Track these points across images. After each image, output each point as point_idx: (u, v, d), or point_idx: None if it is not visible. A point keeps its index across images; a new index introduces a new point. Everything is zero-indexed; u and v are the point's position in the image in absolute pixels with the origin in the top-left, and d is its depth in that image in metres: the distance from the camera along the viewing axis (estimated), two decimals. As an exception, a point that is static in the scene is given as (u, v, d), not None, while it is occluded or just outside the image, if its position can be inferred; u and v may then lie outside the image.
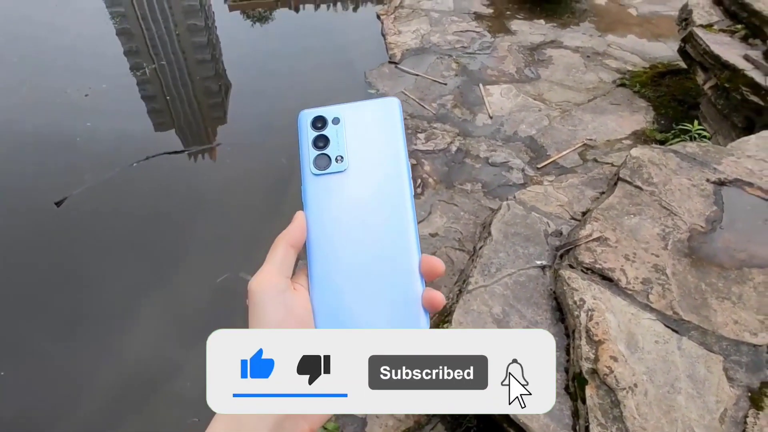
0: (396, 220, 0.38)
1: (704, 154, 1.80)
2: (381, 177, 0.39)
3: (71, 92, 3.52)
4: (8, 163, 2.98)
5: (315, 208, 0.39)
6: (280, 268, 0.37)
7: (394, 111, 0.42)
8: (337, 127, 0.41)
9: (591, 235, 1.57)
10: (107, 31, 4.71)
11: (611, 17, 4.28)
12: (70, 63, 3.95)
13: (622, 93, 3.40)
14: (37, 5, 5.02)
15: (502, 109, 3.24)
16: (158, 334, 2.17)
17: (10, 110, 3.41)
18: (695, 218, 1.60)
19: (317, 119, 0.41)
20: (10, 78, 3.75)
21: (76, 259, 2.48)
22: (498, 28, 4.07)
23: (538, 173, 2.82)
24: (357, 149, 0.40)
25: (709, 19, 2.89)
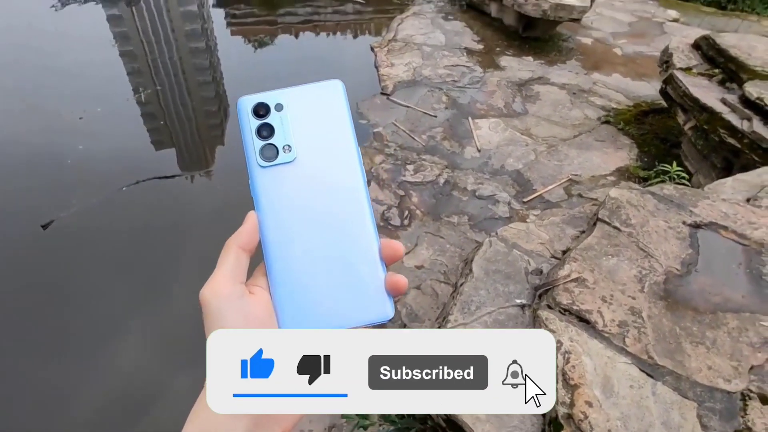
0: (351, 208, 0.37)
1: (681, 197, 1.84)
2: (332, 164, 0.38)
3: (65, 115, 3.56)
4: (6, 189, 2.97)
5: (266, 203, 0.37)
6: (233, 274, 0.35)
7: (338, 93, 0.40)
8: (280, 114, 0.39)
9: (569, 275, 1.59)
10: (106, 55, 4.78)
11: (597, 56, 4.43)
12: (67, 86, 4.00)
13: (606, 130, 3.49)
14: (37, 31, 5.10)
15: (490, 143, 3.31)
16: (144, 357, 2.16)
17: (3, 131, 3.42)
18: (671, 261, 1.63)
19: (259, 106, 0.39)
20: (4, 101, 3.78)
21: (61, 282, 2.45)
22: (488, 64, 4.20)
23: (524, 207, 2.86)
24: (304, 137, 0.38)
25: (689, 63, 3.01)
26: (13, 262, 2.54)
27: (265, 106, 0.39)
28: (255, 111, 0.39)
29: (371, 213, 0.38)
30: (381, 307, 0.36)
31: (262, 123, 0.38)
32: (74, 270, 2.52)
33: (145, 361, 2.15)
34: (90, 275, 2.49)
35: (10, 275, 2.47)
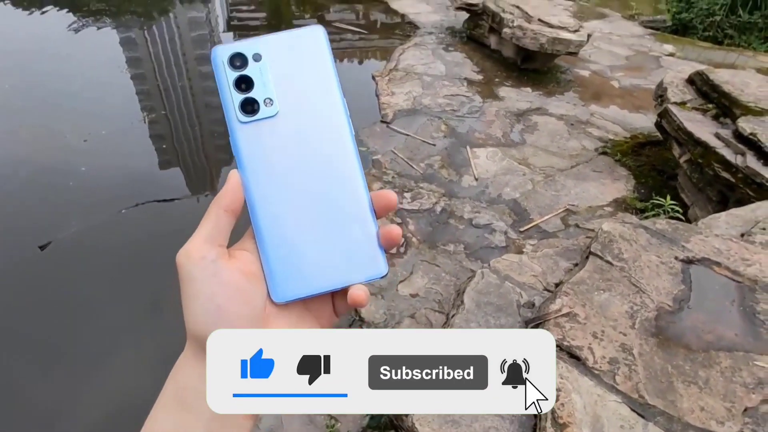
0: (339, 162, 0.36)
1: (674, 232, 1.85)
2: (316, 116, 0.36)
3: (70, 137, 3.63)
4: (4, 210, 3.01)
5: (249, 161, 0.36)
6: (211, 235, 0.34)
7: (320, 40, 0.37)
8: (259, 64, 0.36)
9: (560, 310, 1.58)
10: (115, 78, 4.91)
11: (594, 88, 4.51)
12: (74, 109, 4.09)
13: (603, 161, 3.52)
14: (50, 54, 5.26)
15: (487, 172, 3.34)
16: (140, 376, 2.14)
17: (6, 154, 3.49)
18: (663, 297, 1.62)
19: (235, 57, 0.36)
20: (11, 123, 3.87)
21: (57, 303, 2.46)
22: (487, 94, 4.28)
23: (521, 236, 2.86)
24: (285, 88, 0.36)
25: (683, 97, 3.06)
26: (9, 282, 2.54)
27: (241, 56, 0.36)
28: (231, 62, 0.36)
29: (360, 167, 0.37)
30: (374, 265, 0.35)
31: (239, 75, 0.36)
32: (70, 292, 2.53)
33: (142, 381, 2.13)
34: (86, 297, 2.50)
35: (6, 296, 2.48)
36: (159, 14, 7.57)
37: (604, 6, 6.86)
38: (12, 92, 4.32)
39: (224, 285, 0.33)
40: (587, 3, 6.89)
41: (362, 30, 6.03)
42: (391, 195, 0.36)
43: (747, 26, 6.14)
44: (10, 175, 3.26)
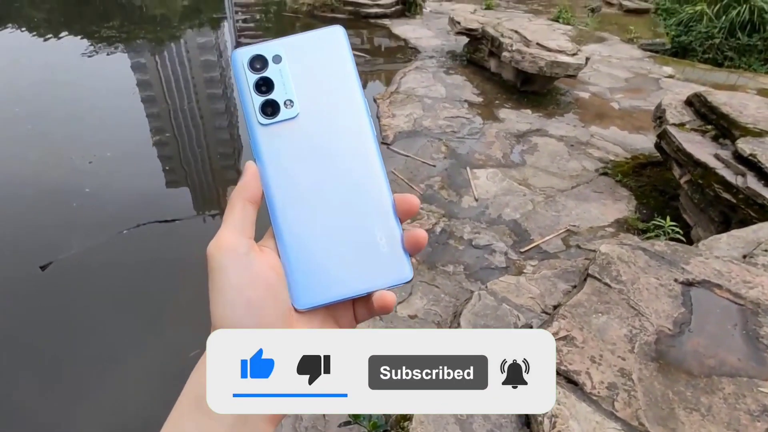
0: (361, 165, 0.35)
1: (673, 254, 1.83)
2: (337, 118, 0.36)
3: (76, 159, 3.69)
4: (1, 227, 3.05)
5: (270, 163, 0.35)
6: (241, 227, 0.33)
7: (340, 40, 0.37)
8: (279, 66, 0.36)
9: (558, 333, 1.55)
10: (123, 102, 5.03)
11: (594, 110, 4.55)
12: (81, 132, 4.18)
13: (604, 181, 3.51)
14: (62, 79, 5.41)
15: (487, 192, 3.35)
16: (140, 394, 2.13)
17: (14, 175, 3.55)
18: (663, 320, 1.59)
19: (255, 59, 0.36)
20: (20, 145, 3.96)
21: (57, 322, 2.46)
22: (487, 116, 4.32)
23: (521, 257, 2.84)
24: (306, 89, 0.36)
25: (681, 119, 3.07)
26: (9, 301, 2.55)
27: (261, 58, 0.36)
28: (251, 64, 0.36)
29: (383, 168, 0.36)
30: (399, 269, 0.34)
31: (260, 77, 0.36)
32: (69, 312, 2.53)
33: (141, 398, 2.12)
34: (85, 317, 2.50)
35: (5, 315, 2.48)
36: (169, 39, 7.80)
37: (603, 30, 6.97)
38: (23, 116, 4.43)
39: (255, 278, 0.32)
40: (586, 27, 7.01)
41: (365, 54, 6.16)
42: (413, 199, 0.35)
43: (746, 48, 6.21)
44: (16, 195, 3.31)
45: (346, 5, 7.35)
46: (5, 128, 4.20)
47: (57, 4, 9.50)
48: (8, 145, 3.96)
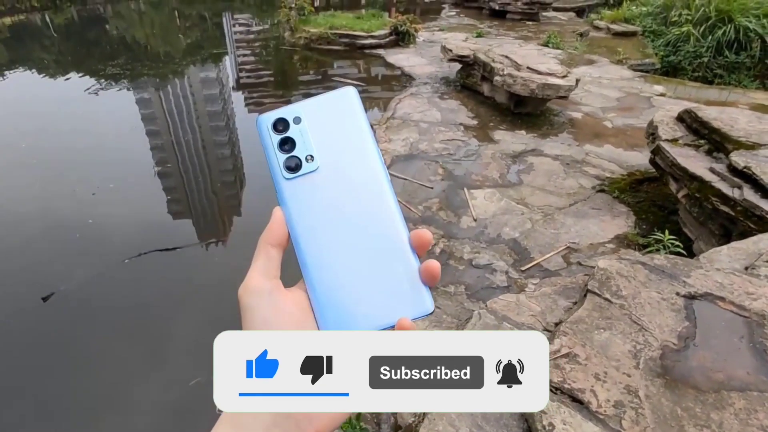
0: (378, 206, 0.38)
1: (673, 267, 1.81)
2: (354, 167, 0.39)
3: (79, 191, 3.73)
4: (4, 258, 3.06)
5: (296, 212, 0.38)
6: (265, 270, 0.36)
7: (352, 99, 0.41)
8: (299, 126, 0.40)
9: (560, 350, 1.52)
10: (126, 135, 5.12)
11: (588, 129, 4.61)
12: (84, 165, 4.25)
13: (602, 198, 3.52)
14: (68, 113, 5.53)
15: (485, 212, 3.35)
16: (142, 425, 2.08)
17: (19, 207, 3.59)
18: (667, 334, 1.56)
19: (278, 122, 0.40)
20: (25, 178, 4.01)
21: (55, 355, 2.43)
22: (482, 138, 4.38)
23: (522, 276, 2.82)
24: (324, 144, 0.40)
25: (674, 135, 3.10)
26: (10, 333, 2.53)
27: (283, 121, 0.40)
28: (274, 126, 0.40)
29: (398, 208, 0.39)
30: (420, 302, 0.36)
31: (282, 137, 0.40)
32: (70, 344, 2.51)
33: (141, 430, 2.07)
34: (86, 349, 2.47)
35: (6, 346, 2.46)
36: (173, 75, 8.01)
37: (592, 53, 7.15)
38: (29, 150, 4.51)
39: (279, 312, 0.35)
40: (575, 51, 7.19)
41: (361, 83, 6.30)
42: (427, 234, 0.38)
43: (735, 66, 6.34)
44: (20, 227, 3.34)
45: (342, 37, 7.57)
46: (11, 162, 4.26)
47: (66, 47, 9.83)
48: (14, 178, 4.01)
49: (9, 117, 5.44)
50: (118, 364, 2.38)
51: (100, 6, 14.12)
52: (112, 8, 13.95)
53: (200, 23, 12.32)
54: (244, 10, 13.29)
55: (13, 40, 10.40)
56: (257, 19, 11.72)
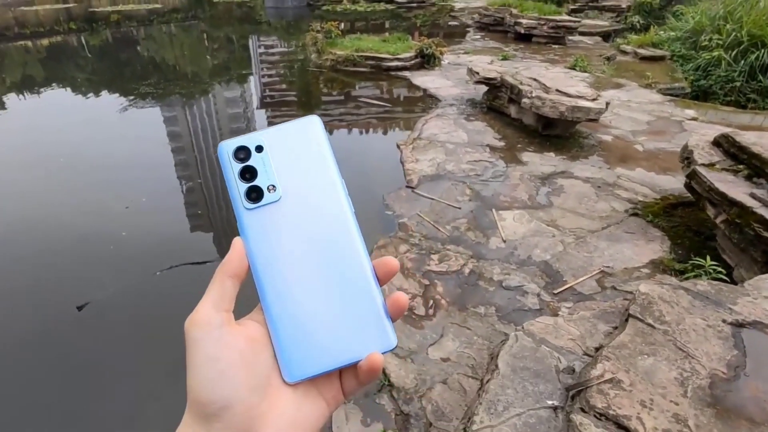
0: (341, 239, 0.37)
1: (717, 293, 1.76)
2: (317, 198, 0.38)
3: (113, 204, 3.87)
4: (44, 269, 3.18)
5: (257, 242, 0.37)
6: (217, 302, 0.34)
7: (316, 128, 0.40)
8: (261, 155, 0.39)
9: (603, 375, 1.48)
10: (155, 151, 5.31)
11: (619, 152, 4.55)
12: (117, 179, 4.41)
13: (635, 222, 3.45)
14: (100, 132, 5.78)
15: (515, 234, 3.32)
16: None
17: (57, 220, 3.73)
18: (715, 363, 1.50)
19: (239, 150, 0.39)
20: (64, 191, 4.19)
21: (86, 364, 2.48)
22: (510, 159, 4.37)
23: (555, 299, 2.77)
24: (287, 174, 0.39)
25: (710, 159, 3.04)
26: (46, 339, 2.60)
27: (245, 149, 0.39)
28: (236, 155, 0.39)
29: (362, 241, 0.38)
30: (383, 337, 0.36)
31: (244, 166, 0.38)
32: (103, 352, 2.56)
33: None
34: (117, 358, 2.52)
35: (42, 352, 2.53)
36: (200, 94, 8.32)
37: (620, 77, 7.12)
38: (66, 165, 4.72)
39: (228, 349, 0.33)
40: (603, 74, 7.17)
41: (386, 104, 6.41)
42: (391, 261, 0.37)
43: (769, 90, 6.21)
44: (58, 239, 3.46)
45: (368, 60, 7.75)
46: (49, 178, 4.46)
47: (99, 66, 10.34)
48: (54, 192, 4.19)
49: (47, 133, 5.72)
50: (141, 377, 2.41)
51: (134, 29, 14.86)
52: (145, 31, 14.65)
53: (227, 45, 12.80)
54: (271, 33, 13.77)
55: (49, 59, 11.01)
56: (284, 42, 12.13)
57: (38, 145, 5.31)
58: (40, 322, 2.71)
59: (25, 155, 5.01)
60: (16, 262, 3.25)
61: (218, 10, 18.43)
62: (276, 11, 16.47)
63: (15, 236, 3.54)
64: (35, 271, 3.16)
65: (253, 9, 17.65)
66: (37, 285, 3.02)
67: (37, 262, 3.25)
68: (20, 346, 2.58)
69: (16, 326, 2.71)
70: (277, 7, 16.75)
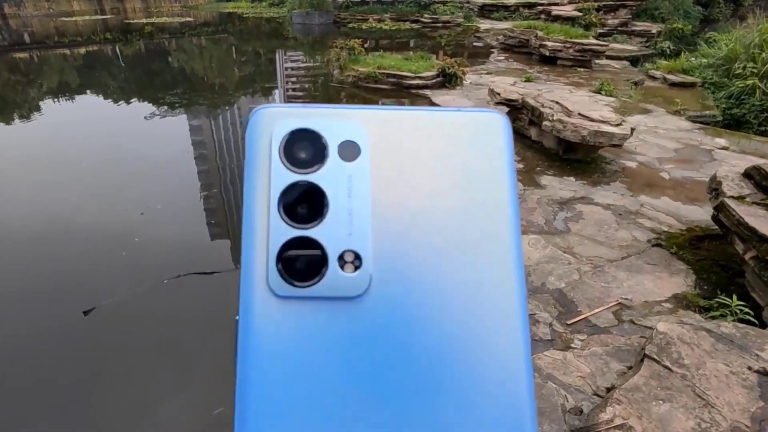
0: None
1: (743, 337, 1.63)
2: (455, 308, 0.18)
3: (130, 210, 3.93)
4: (55, 271, 3.23)
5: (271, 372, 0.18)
6: None
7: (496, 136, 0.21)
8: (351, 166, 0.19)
9: (613, 420, 1.37)
10: (176, 160, 5.42)
11: (643, 179, 4.40)
12: (136, 185, 4.50)
13: (658, 253, 3.30)
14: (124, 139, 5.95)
15: (529, 259, 3.21)
16: None
17: (73, 224, 3.81)
18: (737, 414, 1.38)
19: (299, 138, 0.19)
20: (82, 195, 4.30)
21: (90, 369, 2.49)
22: (528, 182, 4.28)
23: (568, 330, 2.64)
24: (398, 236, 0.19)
25: (740, 192, 2.89)
26: (50, 343, 2.62)
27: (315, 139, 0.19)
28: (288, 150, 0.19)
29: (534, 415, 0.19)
30: None
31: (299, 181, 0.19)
32: (105, 358, 2.56)
33: None
34: (118, 365, 2.51)
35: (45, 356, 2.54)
36: (225, 105, 8.54)
37: (647, 102, 6.95)
38: (88, 169, 4.85)
39: None
40: (630, 99, 7.02)
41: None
42: None
43: (806, 122, 5.96)
44: (71, 241, 3.53)
45: (389, 77, 7.81)
46: (71, 179, 4.59)
47: (130, 74, 10.75)
48: (72, 195, 4.30)
49: (74, 137, 5.92)
50: (146, 384, 2.39)
51: (165, 40, 15.46)
52: (176, 42, 15.22)
53: (255, 59, 13.15)
54: (297, 48, 14.10)
55: (85, 67, 11.53)
56: (308, 58, 12.39)
57: (65, 148, 5.50)
58: (45, 325, 2.74)
59: (51, 158, 5.19)
60: (28, 263, 3.32)
61: (247, 25, 19.06)
62: (303, 27, 16.91)
63: (28, 237, 3.63)
64: (46, 273, 3.21)
65: (281, 25, 18.17)
66: (47, 287, 3.07)
67: (50, 263, 3.31)
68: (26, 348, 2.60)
69: (23, 328, 2.74)
70: (305, 24, 17.19)
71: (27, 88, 8.99)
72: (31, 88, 9.01)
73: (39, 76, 10.19)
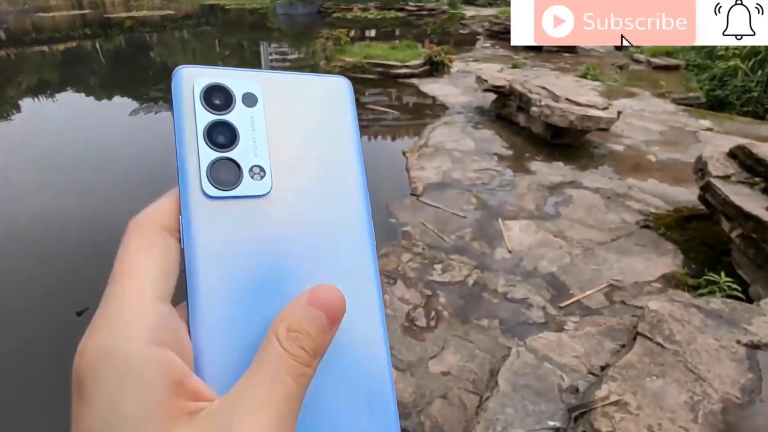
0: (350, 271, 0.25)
1: (731, 312, 1.67)
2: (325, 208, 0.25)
3: (119, 209, 3.87)
4: (49, 271, 3.18)
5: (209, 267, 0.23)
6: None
7: (341, 94, 0.28)
8: (252, 110, 0.25)
9: (608, 397, 1.41)
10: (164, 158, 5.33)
11: (630, 162, 4.46)
12: (125, 185, 4.43)
13: (647, 235, 3.36)
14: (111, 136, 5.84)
15: (521, 244, 3.25)
16: None
17: (63, 225, 3.75)
18: (728, 386, 1.42)
19: (214, 90, 0.25)
20: (70, 194, 4.22)
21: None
22: (517, 168, 4.31)
23: (561, 313, 2.69)
24: (286, 154, 0.25)
25: (725, 171, 2.95)
26: (42, 347, 2.59)
27: (225, 92, 0.25)
28: (207, 97, 0.24)
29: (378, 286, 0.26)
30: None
31: (217, 120, 0.24)
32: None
33: None
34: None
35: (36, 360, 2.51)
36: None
37: (633, 86, 7.01)
38: (75, 168, 4.77)
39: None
40: (615, 83, 7.08)
41: (394, 111, 6.39)
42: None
43: (787, 101, 6.06)
44: (63, 243, 3.48)
45: (376, 66, 7.75)
46: (58, 179, 4.50)
47: (111, 71, 10.52)
48: (60, 195, 4.22)
49: (57, 136, 5.79)
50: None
51: (147, 35, 15.13)
52: (158, 36, 14.90)
53: (239, 52, 12.95)
54: (282, 40, 13.91)
55: (64, 64, 11.24)
56: (293, 49, 12.23)
57: (50, 147, 5.39)
58: (38, 325, 2.71)
59: (38, 158, 5.08)
60: (19, 263, 3.27)
61: (230, 17, 18.72)
62: (287, 18, 16.66)
63: (18, 239, 3.56)
64: (38, 274, 3.17)
65: (265, 16, 17.87)
66: (39, 288, 3.03)
67: (42, 265, 3.26)
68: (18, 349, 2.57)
69: (14, 329, 2.71)
70: (289, 14, 16.94)
71: (5, 87, 8.76)
72: (9, 87, 8.78)
73: (18, 74, 9.93)
